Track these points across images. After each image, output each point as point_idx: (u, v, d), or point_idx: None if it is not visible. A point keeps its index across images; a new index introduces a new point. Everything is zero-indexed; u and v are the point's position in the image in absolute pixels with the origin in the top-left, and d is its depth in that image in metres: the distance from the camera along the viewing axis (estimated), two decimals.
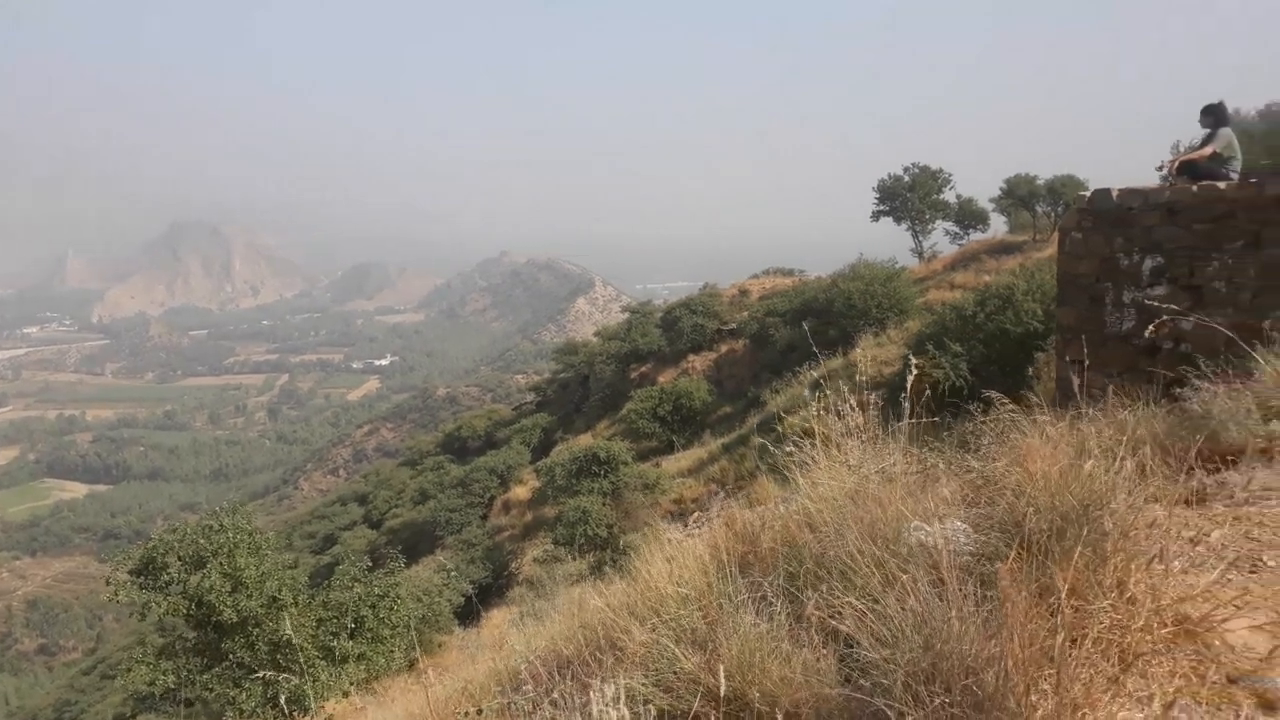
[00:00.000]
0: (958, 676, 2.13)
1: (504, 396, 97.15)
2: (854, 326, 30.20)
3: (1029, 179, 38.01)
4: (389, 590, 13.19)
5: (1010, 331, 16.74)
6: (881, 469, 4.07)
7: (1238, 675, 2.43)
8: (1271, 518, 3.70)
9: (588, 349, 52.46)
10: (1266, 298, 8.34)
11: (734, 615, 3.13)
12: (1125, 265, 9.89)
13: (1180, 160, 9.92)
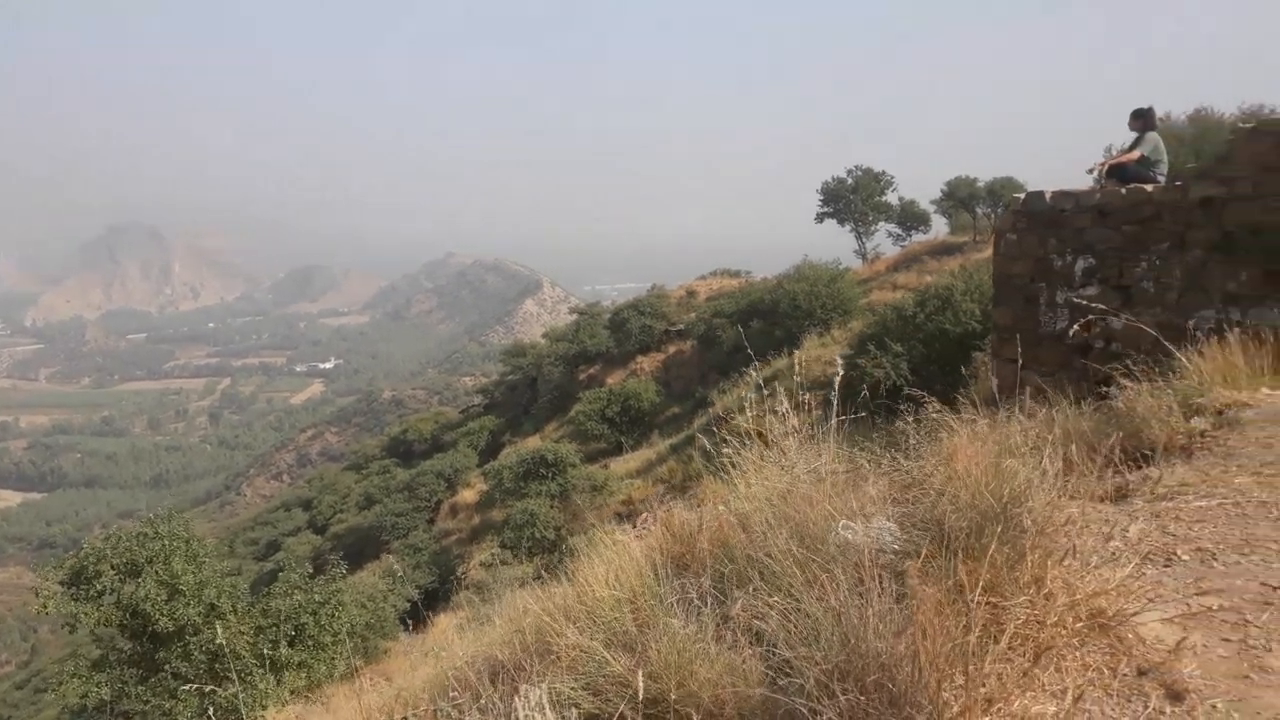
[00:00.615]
0: (871, 674, 2.16)
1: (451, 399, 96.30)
2: (799, 327, 30.51)
3: (969, 181, 38.70)
4: (330, 597, 13.01)
5: (949, 331, 17.01)
6: (813, 469, 4.10)
7: (1148, 667, 2.49)
8: (1188, 512, 3.80)
9: (535, 351, 52.26)
10: (1191, 297, 8.57)
11: (664, 617, 3.14)
12: (1058, 266, 10.11)
13: (1110, 163, 10.17)
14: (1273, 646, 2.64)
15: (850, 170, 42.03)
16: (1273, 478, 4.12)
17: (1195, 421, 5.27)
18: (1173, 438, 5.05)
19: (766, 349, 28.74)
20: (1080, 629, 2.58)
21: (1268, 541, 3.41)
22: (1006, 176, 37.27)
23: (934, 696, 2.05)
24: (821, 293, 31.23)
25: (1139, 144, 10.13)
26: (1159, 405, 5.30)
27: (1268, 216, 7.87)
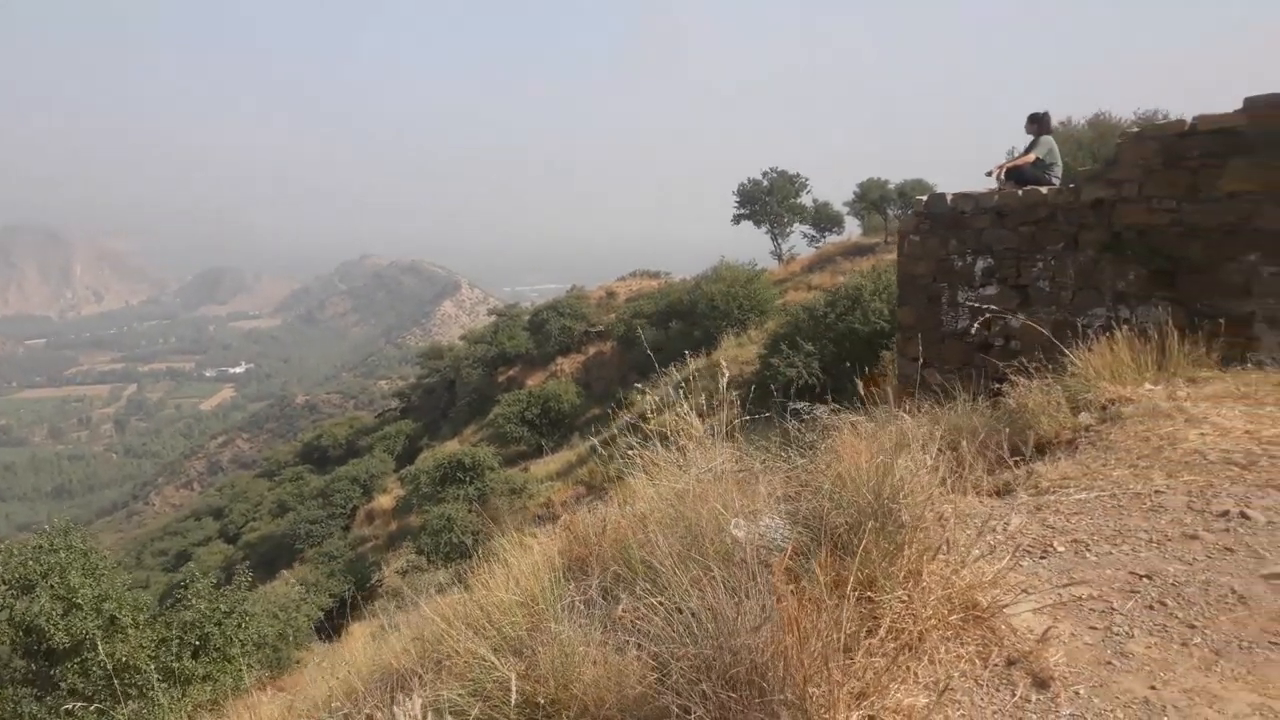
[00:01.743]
0: (742, 670, 2.18)
1: (367, 403, 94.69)
2: (717, 327, 30.80)
3: (880, 183, 39.53)
4: (236, 606, 12.69)
5: (859, 330, 17.34)
6: (709, 469, 4.13)
7: (1017, 657, 2.56)
8: (1067, 505, 3.93)
9: (453, 353, 51.72)
10: (1084, 296, 8.87)
11: (555, 620, 3.13)
12: (959, 266, 10.37)
13: (1007, 166, 10.47)
14: (1135, 633, 2.75)
15: (765, 172, 42.57)
16: (1148, 470, 4.30)
17: (1081, 417, 5.46)
18: (1059, 433, 5.23)
19: (685, 349, 28.90)
20: (955, 621, 2.65)
21: (1139, 532, 3.55)
22: (916, 179, 38.14)
23: (801, 692, 2.08)
24: (738, 293, 31.59)
25: (1034, 147, 10.46)
26: (1047, 402, 5.48)
27: (1153, 218, 8.19)
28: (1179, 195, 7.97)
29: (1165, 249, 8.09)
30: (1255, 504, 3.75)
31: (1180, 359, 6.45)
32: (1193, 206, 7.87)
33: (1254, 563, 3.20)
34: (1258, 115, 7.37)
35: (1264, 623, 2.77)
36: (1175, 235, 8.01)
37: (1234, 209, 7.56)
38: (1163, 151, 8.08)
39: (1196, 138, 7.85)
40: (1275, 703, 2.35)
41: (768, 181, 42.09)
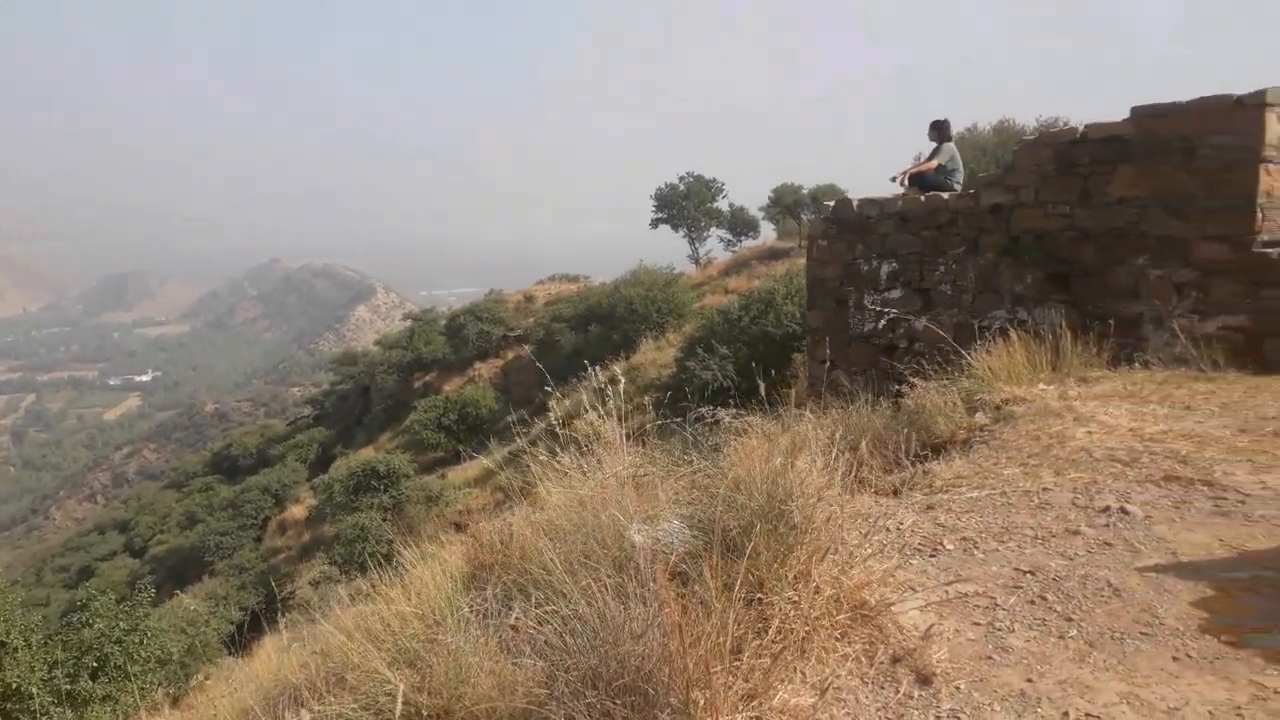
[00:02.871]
0: (626, 676, 2.19)
1: (279, 411, 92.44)
2: (636, 330, 30.91)
3: (794, 188, 40.13)
4: (139, 623, 12.26)
5: (772, 334, 17.57)
6: (613, 474, 4.13)
7: (902, 654, 2.62)
8: (959, 504, 4.03)
9: (368, 358, 50.85)
10: (984, 299, 9.13)
11: (451, 631, 3.10)
12: (865, 270, 10.58)
13: (910, 172, 10.71)
14: (1015, 628, 2.83)
15: (682, 177, 42.88)
16: (1037, 468, 4.44)
17: (977, 417, 5.62)
18: (955, 433, 5.37)
19: (605, 353, 28.98)
20: (843, 620, 2.69)
21: (1025, 529, 3.66)
22: (829, 183, 38.81)
23: (685, 697, 2.09)
24: (657, 297, 31.76)
25: (937, 154, 10.73)
26: (944, 402, 5.62)
27: (1048, 222, 8.47)
28: (1072, 200, 8.25)
29: (1060, 253, 8.37)
30: (1135, 499, 3.90)
31: (1073, 359, 6.67)
32: (1085, 211, 8.16)
33: (1130, 556, 3.33)
34: (1143, 124, 7.67)
35: (1136, 614, 2.88)
36: (1069, 239, 8.29)
37: (1123, 213, 7.86)
38: (1056, 158, 8.37)
39: (1088, 145, 8.14)
40: (1141, 691, 2.44)
41: (684, 186, 42.39)
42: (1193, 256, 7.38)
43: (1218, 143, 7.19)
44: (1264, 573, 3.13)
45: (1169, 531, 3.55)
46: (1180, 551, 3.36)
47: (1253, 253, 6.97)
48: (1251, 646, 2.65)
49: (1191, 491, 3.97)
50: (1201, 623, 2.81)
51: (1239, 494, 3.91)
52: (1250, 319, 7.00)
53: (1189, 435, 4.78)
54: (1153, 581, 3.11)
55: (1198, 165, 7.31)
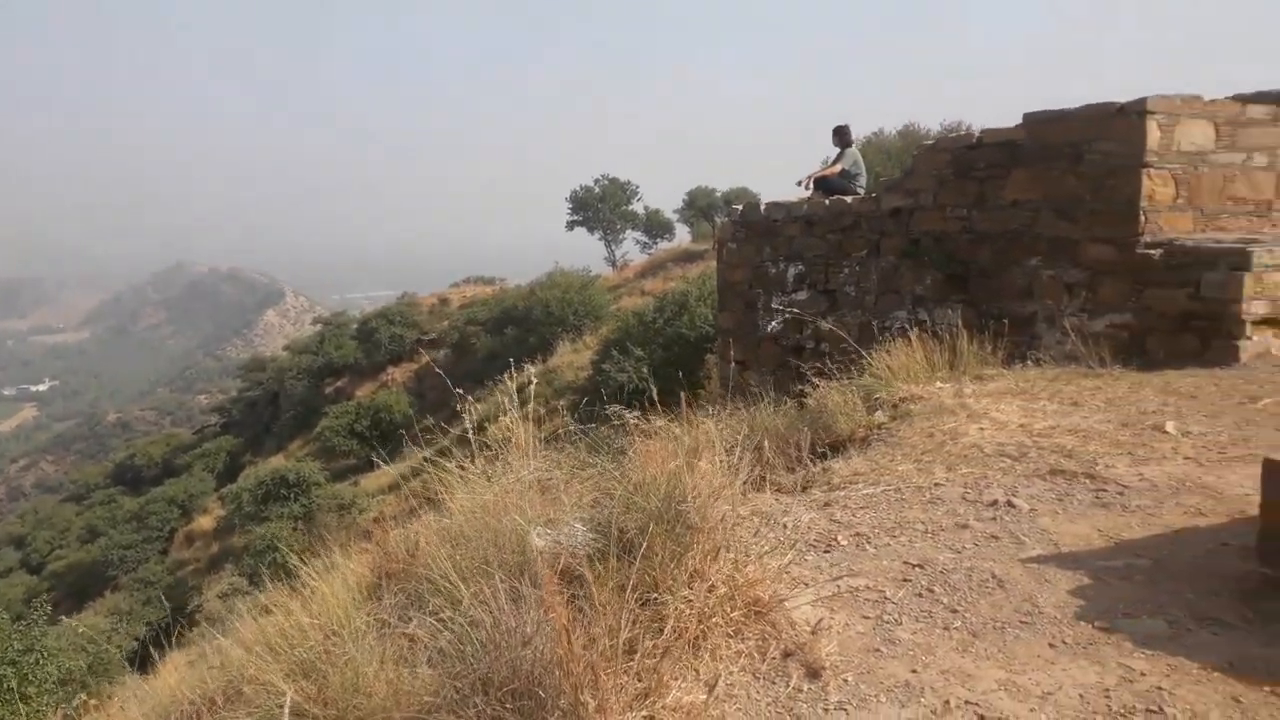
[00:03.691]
0: (522, 682, 2.20)
1: (185, 419, 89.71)
2: (553, 333, 30.88)
3: (708, 191, 40.63)
4: (35, 643, 11.78)
5: (686, 335, 17.72)
6: (519, 478, 4.13)
7: (793, 649, 2.68)
8: (855, 500, 4.14)
9: (277, 364, 49.74)
10: (886, 300, 9.35)
11: (349, 641, 3.06)
12: (773, 273, 10.75)
13: (815, 176, 10.93)
14: (903, 620, 2.92)
15: (598, 179, 43.00)
16: (930, 464, 4.57)
17: (877, 415, 5.76)
18: (855, 431, 5.50)
19: (521, 356, 28.85)
20: (737, 617, 2.74)
21: (916, 523, 3.78)
22: (742, 186, 39.37)
23: (574, 699, 2.10)
24: (573, 299, 31.80)
25: (840, 159, 10.97)
26: (845, 401, 5.75)
27: (946, 225, 8.72)
28: (969, 203, 8.52)
29: (958, 254, 8.63)
30: (1022, 493, 4.05)
31: (969, 358, 6.88)
32: (981, 214, 8.43)
33: (1015, 548, 3.46)
34: (1035, 129, 7.96)
35: (1017, 604, 2.99)
36: (966, 241, 8.56)
37: (1017, 216, 8.14)
38: (954, 162, 8.63)
39: (984, 150, 8.42)
40: (1019, 677, 2.54)
41: (599, 188, 42.51)
42: (1082, 258, 7.69)
43: (1103, 148, 7.50)
44: (1137, 561, 3.28)
45: (1052, 523, 3.69)
46: (1061, 542, 3.50)
47: (1137, 254, 7.28)
48: (1121, 632, 2.78)
49: (1075, 484, 4.14)
50: (1078, 610, 2.93)
51: (1119, 486, 4.09)
52: (1135, 317, 7.31)
53: (1075, 430, 4.97)
54: (1034, 572, 3.23)
55: (1085, 170, 7.61)
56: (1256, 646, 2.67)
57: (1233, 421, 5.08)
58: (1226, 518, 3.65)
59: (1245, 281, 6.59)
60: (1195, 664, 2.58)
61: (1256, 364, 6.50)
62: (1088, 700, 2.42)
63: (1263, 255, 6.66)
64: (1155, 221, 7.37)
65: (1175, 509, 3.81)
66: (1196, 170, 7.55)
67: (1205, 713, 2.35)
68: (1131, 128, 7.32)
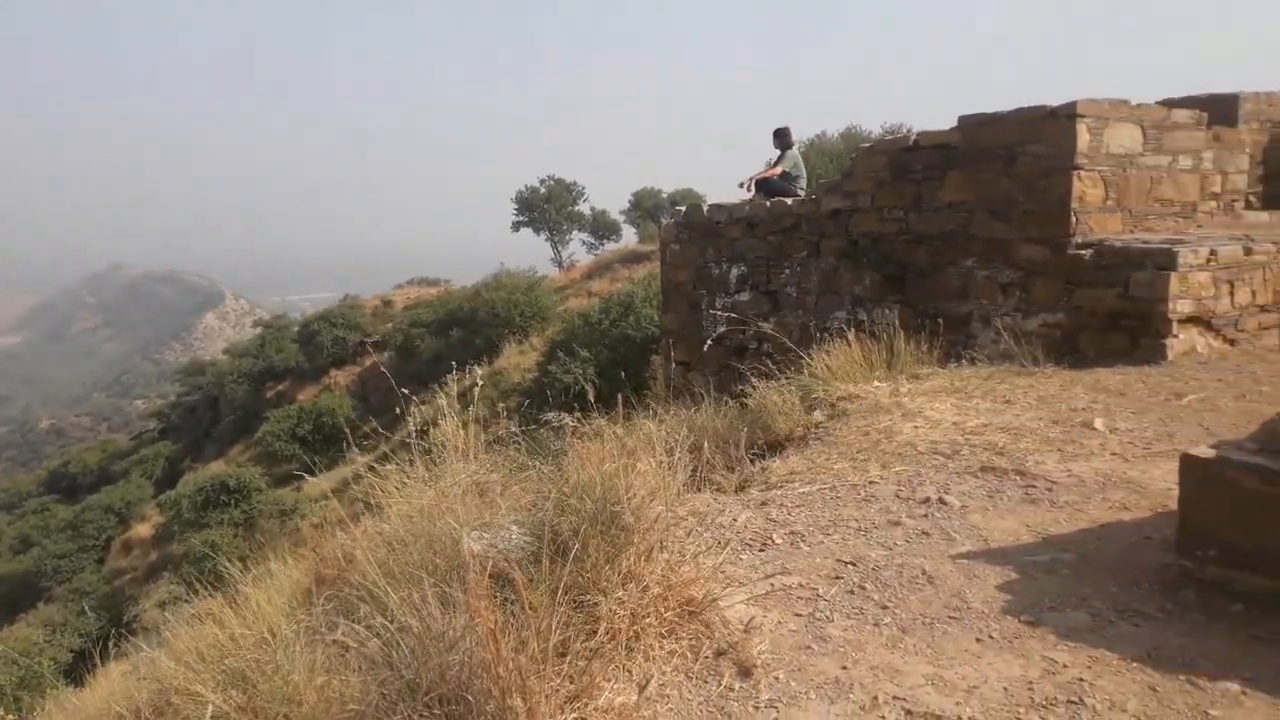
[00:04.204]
0: (451, 687, 2.18)
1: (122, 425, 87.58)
2: (499, 335, 30.70)
3: (654, 192, 40.72)
4: None
5: (632, 336, 17.74)
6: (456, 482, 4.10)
7: (725, 648, 2.70)
8: (791, 498, 4.18)
9: (216, 368, 48.82)
10: (827, 300, 9.45)
11: (280, 649, 3.02)
12: (716, 274, 10.81)
13: (756, 178, 11.01)
14: (835, 617, 2.96)
15: (543, 180, 42.82)
16: (865, 463, 4.63)
17: (815, 415, 5.82)
18: (794, 430, 5.55)
19: (467, 358, 28.69)
20: (671, 617, 2.75)
21: (850, 521, 3.82)
22: (688, 188, 39.51)
23: (502, 704, 2.09)
24: (519, 300, 31.62)
25: (781, 161, 11.06)
26: (784, 401, 5.80)
27: (884, 226, 8.84)
28: (906, 205, 8.64)
29: (896, 255, 8.75)
30: (953, 490, 4.12)
31: (906, 357, 6.98)
32: (918, 216, 8.56)
33: (945, 545, 3.52)
34: (969, 132, 8.10)
35: (946, 599, 3.04)
36: (904, 242, 8.68)
37: (953, 217, 8.28)
38: (891, 165, 8.74)
39: (920, 152, 8.54)
40: (946, 672, 2.58)
41: (545, 189, 42.34)
42: (1015, 258, 7.84)
43: (1035, 150, 7.66)
44: (1063, 555, 3.36)
45: (982, 520, 3.76)
46: (991, 538, 3.57)
47: (1068, 254, 7.45)
48: (1046, 625, 2.84)
49: (1005, 481, 4.22)
50: (1005, 605, 2.99)
51: (1048, 482, 4.18)
52: (1067, 316, 7.48)
53: (1007, 428, 5.08)
54: (964, 568, 3.29)
55: (1018, 172, 7.77)
56: (1174, 636, 2.75)
57: (1158, 418, 5.22)
58: (1150, 512, 3.75)
59: (1171, 281, 6.78)
60: (1116, 655, 2.65)
61: (1183, 361, 6.70)
62: (1012, 693, 2.47)
63: (1187, 255, 6.86)
64: (1086, 222, 7.54)
65: (1101, 504, 3.90)
66: (1125, 172, 7.75)
67: (1123, 702, 2.41)
68: (1062, 131, 7.48)
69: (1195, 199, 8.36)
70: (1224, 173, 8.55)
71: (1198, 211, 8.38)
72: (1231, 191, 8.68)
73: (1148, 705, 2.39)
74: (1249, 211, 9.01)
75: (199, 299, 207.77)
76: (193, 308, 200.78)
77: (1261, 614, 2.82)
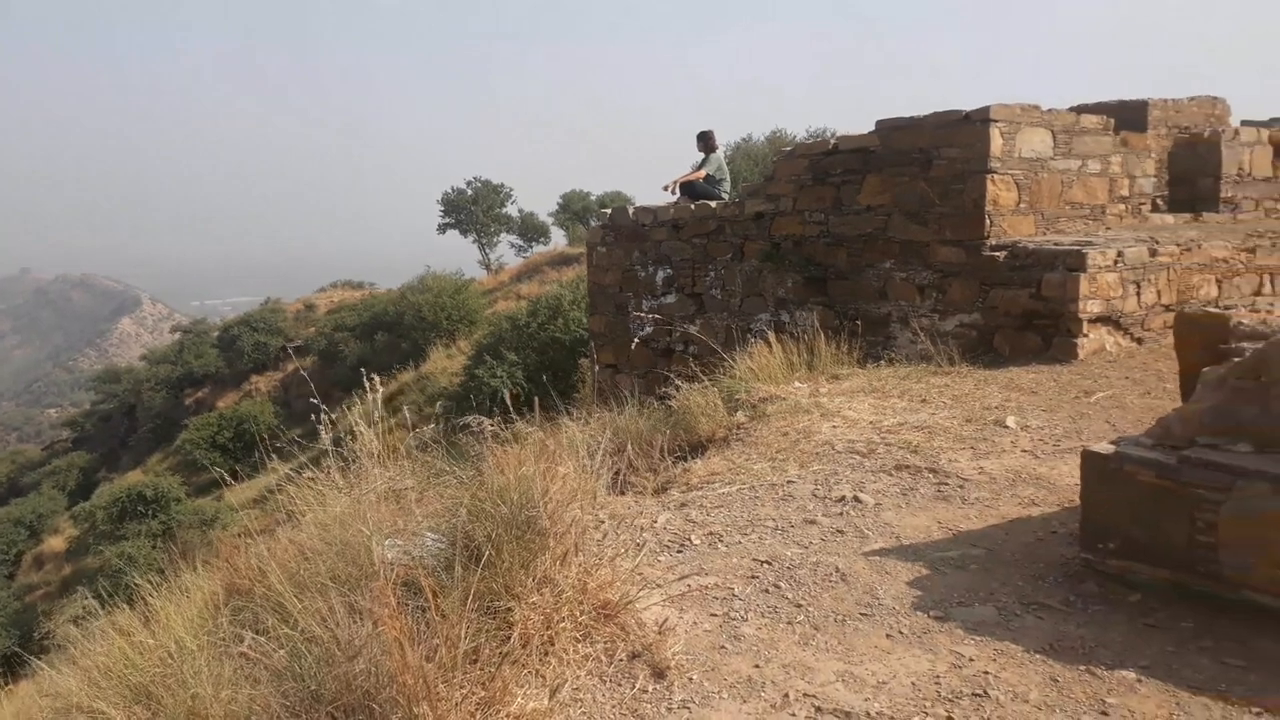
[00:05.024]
0: (357, 697, 2.14)
1: (33, 435, 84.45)
2: (425, 339, 30.35)
3: (583, 195, 40.68)
4: None
5: (561, 339, 17.68)
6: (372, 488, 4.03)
7: (640, 650, 2.70)
8: (711, 499, 4.20)
9: (133, 375, 47.37)
10: (751, 303, 9.53)
11: (186, 662, 2.94)
12: (643, 276, 10.82)
13: (680, 181, 11.05)
14: (749, 616, 2.98)
15: (470, 181, 42.48)
16: (784, 462, 4.68)
17: (738, 415, 5.86)
18: (716, 431, 5.58)
19: (393, 362, 28.36)
20: (586, 621, 2.74)
21: (767, 520, 3.86)
22: (616, 190, 39.54)
23: (408, 712, 2.06)
24: (446, 304, 31.30)
25: (705, 164, 11.13)
26: (706, 403, 5.83)
27: (805, 229, 8.95)
28: (827, 208, 8.76)
29: (817, 258, 8.86)
30: (869, 488, 4.19)
31: (827, 358, 7.07)
32: (838, 218, 8.68)
33: (858, 542, 3.57)
34: (887, 136, 8.24)
35: (858, 596, 3.09)
36: (824, 245, 8.80)
37: (871, 220, 8.41)
38: (812, 168, 8.85)
39: (839, 156, 8.66)
40: (856, 668, 2.62)
41: (472, 191, 42.00)
42: (932, 260, 8.00)
43: (950, 154, 7.82)
44: (972, 551, 3.43)
45: (895, 517, 3.83)
46: (903, 535, 3.64)
47: (983, 256, 7.62)
48: (954, 620, 2.90)
49: (919, 479, 4.30)
50: (915, 601, 3.04)
51: (960, 479, 4.27)
52: (983, 317, 7.66)
53: (922, 426, 5.17)
54: (876, 565, 3.34)
55: (934, 175, 7.92)
56: (1075, 628, 2.82)
57: (1068, 415, 5.37)
58: (1057, 507, 3.86)
59: (1081, 282, 6.98)
60: (1020, 647, 2.71)
61: (1093, 360, 6.90)
62: (919, 688, 2.51)
63: (1096, 257, 7.08)
64: (1000, 225, 7.73)
65: (1011, 500, 4.00)
66: (1037, 176, 7.96)
67: (1026, 694, 2.47)
68: (976, 135, 7.65)
69: (1104, 202, 8.63)
70: (1131, 176, 8.84)
71: (1107, 214, 8.64)
72: (1139, 195, 8.98)
73: (1048, 695, 2.46)
74: (1155, 214, 9.34)
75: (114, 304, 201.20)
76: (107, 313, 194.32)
77: (1158, 604, 2.92)
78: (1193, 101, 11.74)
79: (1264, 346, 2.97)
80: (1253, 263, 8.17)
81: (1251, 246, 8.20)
